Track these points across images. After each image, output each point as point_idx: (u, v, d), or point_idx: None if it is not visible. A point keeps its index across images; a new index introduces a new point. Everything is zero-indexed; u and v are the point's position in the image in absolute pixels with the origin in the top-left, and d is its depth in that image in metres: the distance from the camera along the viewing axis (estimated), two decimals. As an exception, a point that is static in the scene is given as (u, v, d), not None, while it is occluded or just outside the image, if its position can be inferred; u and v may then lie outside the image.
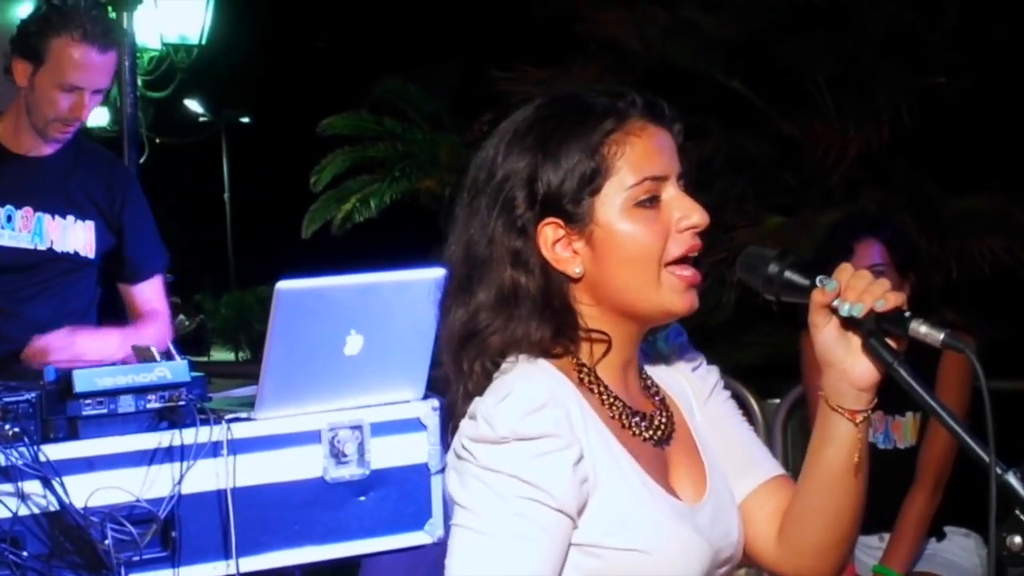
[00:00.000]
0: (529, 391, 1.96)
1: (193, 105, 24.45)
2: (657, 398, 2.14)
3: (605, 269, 2.02)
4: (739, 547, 2.11)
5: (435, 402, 3.70)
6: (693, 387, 2.21)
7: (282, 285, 3.41)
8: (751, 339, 9.30)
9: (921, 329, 1.90)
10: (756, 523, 2.14)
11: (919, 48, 8.91)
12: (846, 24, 9.03)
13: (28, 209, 4.18)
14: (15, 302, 4.19)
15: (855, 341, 1.99)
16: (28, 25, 4.17)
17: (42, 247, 4.20)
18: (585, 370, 2.05)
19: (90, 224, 4.24)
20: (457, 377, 2.06)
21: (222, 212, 27.13)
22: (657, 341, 2.20)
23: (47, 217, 4.19)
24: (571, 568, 1.96)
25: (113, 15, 9.61)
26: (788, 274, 2.01)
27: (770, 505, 2.15)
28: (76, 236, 4.23)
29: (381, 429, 3.61)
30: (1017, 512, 1.85)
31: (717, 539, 2.06)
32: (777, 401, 5.80)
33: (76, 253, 4.23)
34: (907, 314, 1.92)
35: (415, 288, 3.63)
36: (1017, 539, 1.85)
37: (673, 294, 2.02)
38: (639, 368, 2.14)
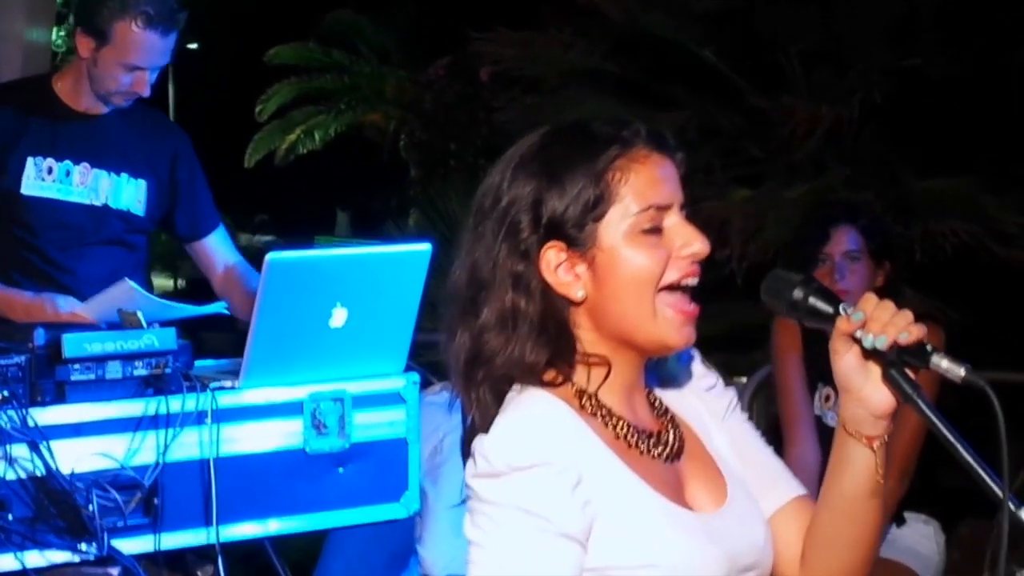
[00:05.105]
0: (521, 422, 2.00)
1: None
2: (666, 417, 2.16)
3: (606, 294, 2.04)
4: (765, 555, 2.13)
5: (415, 376, 3.72)
6: (708, 407, 2.23)
7: (273, 256, 3.42)
8: (711, 312, 9.26)
9: (943, 364, 1.93)
10: (782, 544, 2.16)
11: (898, 27, 8.90)
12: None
13: (86, 165, 4.20)
14: (72, 258, 4.21)
15: (874, 370, 2.02)
16: (91, 2, 4.15)
17: (97, 203, 4.21)
18: (586, 395, 2.07)
19: (142, 183, 4.27)
20: (468, 405, 2.08)
21: (166, 139, 26.84)
22: (668, 360, 2.21)
23: (103, 174, 4.21)
24: None
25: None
26: (812, 300, 2.03)
27: (794, 526, 2.17)
28: (129, 193, 4.25)
29: (362, 402, 3.63)
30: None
31: (738, 546, 2.08)
32: (744, 380, 5.80)
33: (128, 211, 4.25)
34: (929, 348, 1.95)
35: (402, 261, 3.65)
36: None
37: (670, 328, 2.06)
38: (647, 390, 2.17)
